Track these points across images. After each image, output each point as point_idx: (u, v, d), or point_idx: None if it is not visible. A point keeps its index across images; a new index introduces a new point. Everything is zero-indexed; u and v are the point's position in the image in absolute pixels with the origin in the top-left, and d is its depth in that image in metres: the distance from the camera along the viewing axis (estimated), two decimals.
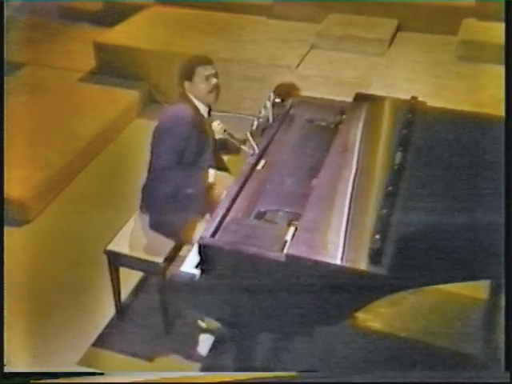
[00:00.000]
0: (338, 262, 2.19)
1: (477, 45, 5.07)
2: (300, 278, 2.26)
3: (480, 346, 3.13)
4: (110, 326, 3.32)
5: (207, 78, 2.98)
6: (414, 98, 3.12)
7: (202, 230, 2.80)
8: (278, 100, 3.29)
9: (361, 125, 2.95)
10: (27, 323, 3.22)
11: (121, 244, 3.17)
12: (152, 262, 3.07)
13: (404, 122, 2.85)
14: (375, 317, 3.28)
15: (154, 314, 3.24)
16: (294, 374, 2.47)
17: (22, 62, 5.63)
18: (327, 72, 5.10)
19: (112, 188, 4.39)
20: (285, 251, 2.26)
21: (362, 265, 2.17)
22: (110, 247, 3.17)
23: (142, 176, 3.14)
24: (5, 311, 2.46)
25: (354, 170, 2.60)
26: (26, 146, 4.31)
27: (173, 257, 3.09)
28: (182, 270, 2.54)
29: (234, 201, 2.61)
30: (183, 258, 2.64)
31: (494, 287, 3.09)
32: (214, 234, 2.41)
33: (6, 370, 2.25)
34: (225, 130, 3.04)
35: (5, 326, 2.38)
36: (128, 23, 5.88)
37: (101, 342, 3.23)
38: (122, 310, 3.36)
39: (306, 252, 2.23)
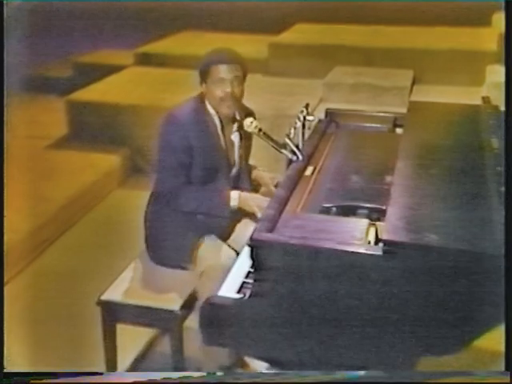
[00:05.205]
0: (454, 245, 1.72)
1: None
2: (402, 278, 1.73)
3: None
4: None
5: (222, 80, 2.51)
6: (485, 97, 2.96)
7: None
8: (310, 118, 2.84)
9: (431, 122, 2.79)
10: None
11: (119, 293, 2.59)
12: (165, 311, 2.49)
13: (488, 114, 2.70)
14: None
15: None
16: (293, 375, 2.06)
17: None
18: None
19: (89, 262, 3.78)
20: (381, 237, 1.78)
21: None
22: (106, 297, 2.59)
23: (121, 251, 2.83)
24: None
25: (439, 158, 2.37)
26: None
27: (192, 303, 2.52)
28: (219, 295, 2.00)
29: (285, 202, 2.13)
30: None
31: None
32: (270, 231, 1.88)
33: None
34: (260, 130, 2.55)
35: None
36: (105, 82, 5.53)
37: None
38: None
39: (407, 236, 1.76)
